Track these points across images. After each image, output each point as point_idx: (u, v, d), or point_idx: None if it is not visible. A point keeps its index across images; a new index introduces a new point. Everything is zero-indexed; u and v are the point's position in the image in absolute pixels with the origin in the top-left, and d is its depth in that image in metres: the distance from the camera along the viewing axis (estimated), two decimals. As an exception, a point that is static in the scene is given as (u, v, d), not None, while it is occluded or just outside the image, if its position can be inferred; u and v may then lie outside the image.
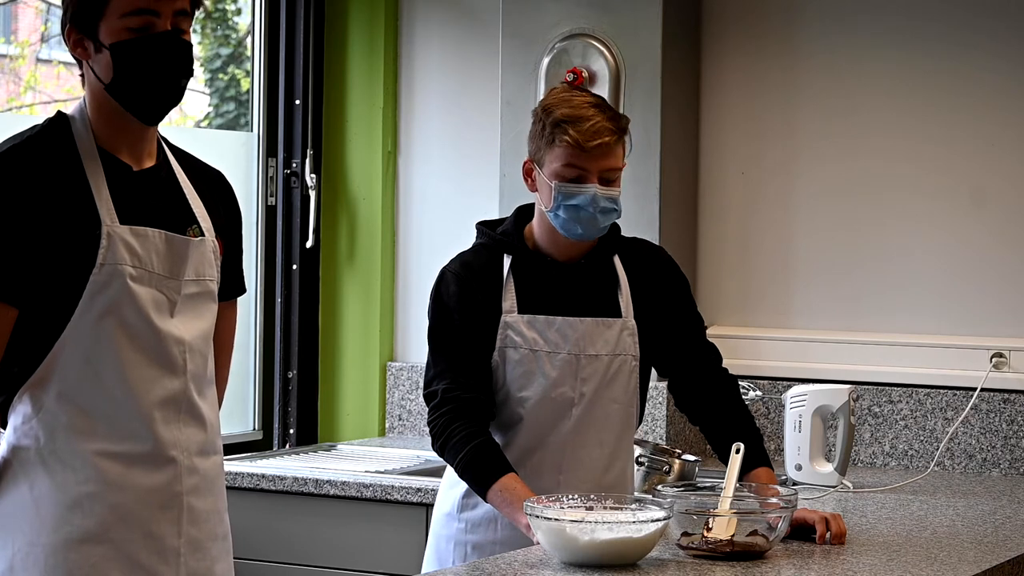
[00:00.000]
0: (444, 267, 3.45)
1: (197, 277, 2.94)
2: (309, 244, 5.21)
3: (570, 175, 3.29)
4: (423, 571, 3.52)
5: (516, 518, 3.21)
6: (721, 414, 3.48)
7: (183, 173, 2.99)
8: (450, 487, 3.49)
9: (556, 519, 2.99)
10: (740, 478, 3.38)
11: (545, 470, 3.38)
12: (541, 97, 4.72)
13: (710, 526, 3.11)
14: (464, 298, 3.37)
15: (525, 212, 3.47)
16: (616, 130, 3.29)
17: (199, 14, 3.04)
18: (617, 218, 3.37)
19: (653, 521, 3.00)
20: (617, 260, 3.46)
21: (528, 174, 3.39)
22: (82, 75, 2.91)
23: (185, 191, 2.97)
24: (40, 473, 2.82)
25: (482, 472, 3.28)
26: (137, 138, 2.92)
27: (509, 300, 3.38)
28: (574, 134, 3.26)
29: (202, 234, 2.95)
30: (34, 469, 2.82)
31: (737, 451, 3.24)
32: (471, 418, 3.32)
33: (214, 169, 3.08)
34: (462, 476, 3.33)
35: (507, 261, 3.41)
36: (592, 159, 3.28)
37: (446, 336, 3.38)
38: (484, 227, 3.49)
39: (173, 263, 2.90)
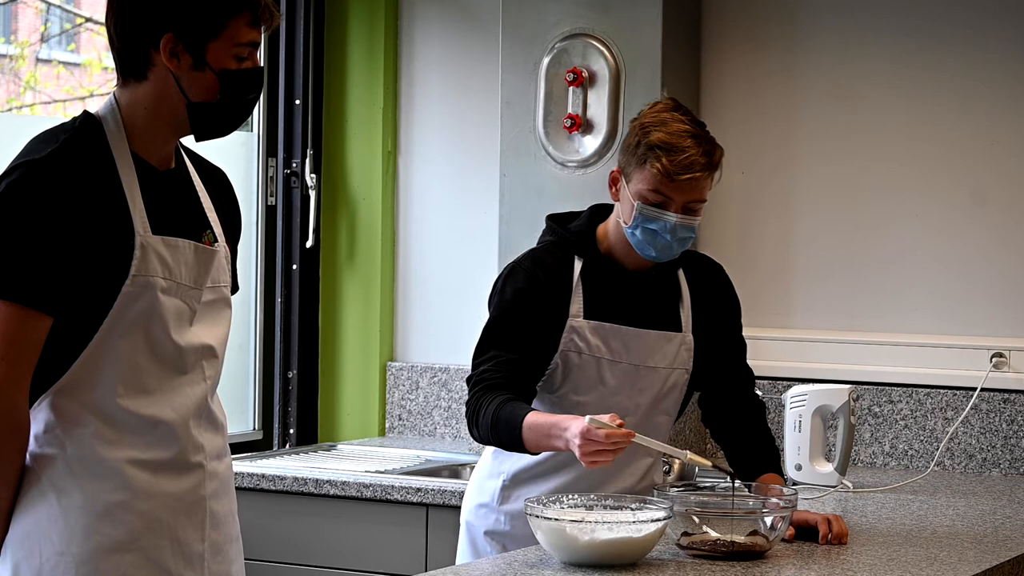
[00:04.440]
0: (515, 262, 3.42)
1: (214, 284, 2.93)
2: (309, 244, 5.21)
3: (654, 200, 3.28)
4: (457, 562, 3.51)
5: (550, 444, 3.15)
6: (746, 439, 3.51)
7: (196, 174, 2.98)
8: (488, 477, 3.48)
9: (556, 519, 2.99)
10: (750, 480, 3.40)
11: (591, 475, 3.36)
12: (542, 96, 4.76)
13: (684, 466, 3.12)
14: (532, 296, 3.35)
15: (599, 211, 3.45)
16: (708, 164, 3.28)
17: None
18: (692, 243, 3.36)
19: (653, 521, 3.01)
20: (681, 273, 3.47)
21: (614, 183, 3.36)
22: (125, 76, 2.85)
23: (200, 194, 2.96)
24: (68, 483, 2.80)
25: (509, 427, 3.19)
26: (170, 143, 2.91)
27: (577, 304, 3.37)
28: (666, 163, 3.25)
29: (216, 239, 2.95)
30: (62, 479, 2.80)
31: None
32: (502, 391, 3.26)
33: (217, 167, 3.07)
34: (500, 440, 3.24)
35: (578, 264, 3.39)
36: (679, 190, 3.27)
37: (503, 329, 3.34)
38: (556, 224, 3.46)
39: (198, 273, 2.89)
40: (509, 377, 3.29)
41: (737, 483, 3.44)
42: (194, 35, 2.81)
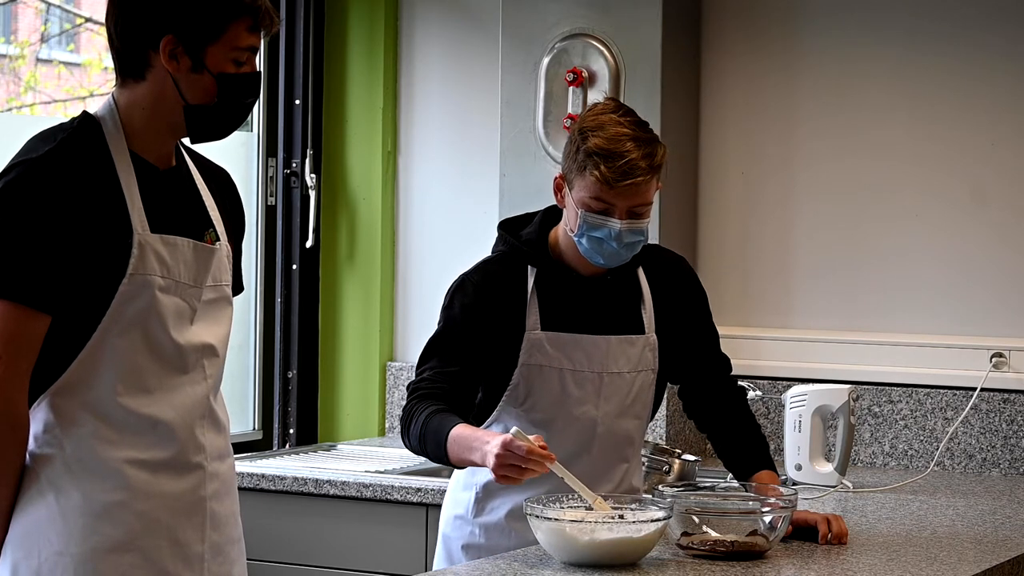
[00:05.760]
0: (465, 274, 3.36)
1: (215, 283, 2.93)
2: (309, 244, 5.21)
3: (597, 207, 3.21)
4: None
5: (469, 458, 3.09)
6: (729, 424, 3.48)
7: (197, 173, 2.98)
8: (463, 489, 3.45)
9: (556, 519, 2.99)
10: (745, 479, 3.39)
11: (566, 487, 3.32)
12: (542, 96, 4.76)
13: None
14: (479, 311, 3.30)
15: (551, 215, 3.39)
16: (649, 168, 3.19)
17: None
18: (642, 245, 3.30)
19: (653, 521, 3.00)
20: (641, 272, 3.41)
21: (558, 189, 3.30)
22: (124, 77, 2.86)
23: (202, 193, 2.96)
24: (67, 482, 2.80)
25: (437, 434, 3.14)
26: (168, 143, 2.91)
27: (533, 316, 3.31)
28: (604, 170, 3.17)
29: (218, 238, 2.95)
30: (60, 479, 2.80)
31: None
32: (435, 401, 3.22)
33: (220, 167, 3.07)
34: (429, 453, 3.19)
35: (531, 275, 3.33)
36: (620, 196, 3.19)
37: (446, 342, 3.30)
38: (507, 233, 3.39)
39: (198, 271, 2.89)
40: (445, 388, 3.24)
41: (734, 484, 3.44)
42: (194, 38, 2.81)
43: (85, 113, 2.87)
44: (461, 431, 3.11)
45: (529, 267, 3.34)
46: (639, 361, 3.37)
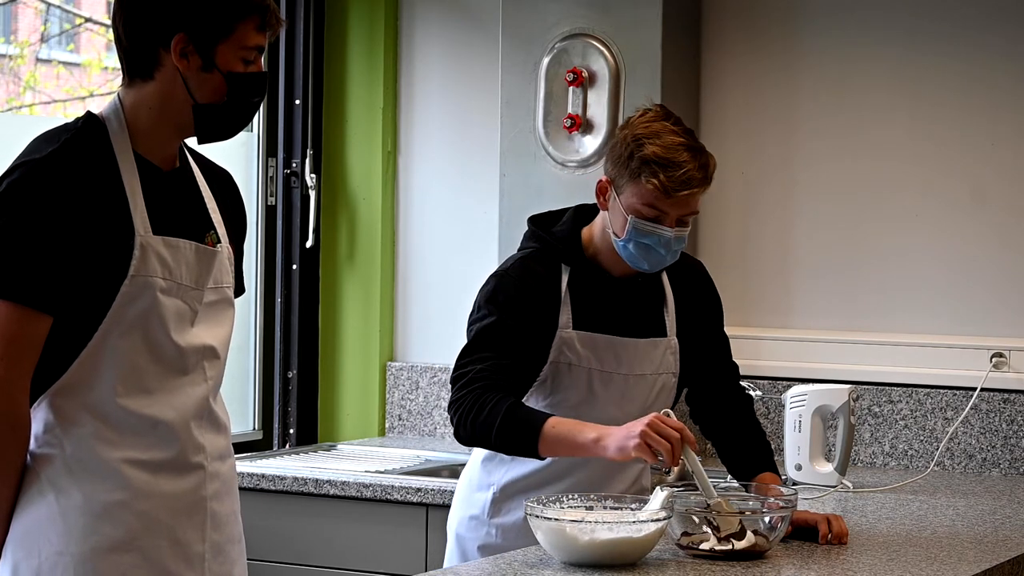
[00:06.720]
0: (502, 268, 3.37)
1: (216, 285, 2.93)
2: (309, 244, 5.21)
3: (649, 215, 3.23)
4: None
5: (578, 440, 3.11)
6: (736, 432, 3.50)
7: (200, 175, 2.98)
8: (477, 489, 3.45)
9: (556, 519, 2.99)
10: (746, 479, 3.39)
11: (585, 486, 3.33)
12: (542, 96, 4.75)
13: (718, 527, 3.09)
14: (522, 305, 3.30)
15: (583, 213, 3.40)
16: (704, 179, 3.23)
17: None
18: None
19: (653, 521, 3.01)
20: (664, 276, 3.44)
21: (602, 192, 3.31)
22: (132, 76, 2.86)
23: (204, 195, 2.96)
24: (67, 482, 2.80)
25: (526, 424, 3.15)
26: (173, 144, 2.92)
27: (565, 315, 3.33)
28: (663, 179, 3.20)
29: (219, 240, 2.95)
30: (60, 479, 2.80)
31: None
32: (505, 392, 3.21)
33: (222, 169, 3.07)
34: (503, 439, 3.18)
35: (565, 273, 3.34)
36: (675, 205, 3.23)
37: (496, 334, 3.27)
38: (539, 229, 3.40)
39: (199, 273, 2.89)
40: (508, 381, 3.23)
41: (735, 484, 3.44)
42: (204, 36, 2.82)
43: (89, 113, 2.87)
44: (564, 419, 3.15)
45: (563, 265, 3.35)
46: (660, 364, 3.40)
